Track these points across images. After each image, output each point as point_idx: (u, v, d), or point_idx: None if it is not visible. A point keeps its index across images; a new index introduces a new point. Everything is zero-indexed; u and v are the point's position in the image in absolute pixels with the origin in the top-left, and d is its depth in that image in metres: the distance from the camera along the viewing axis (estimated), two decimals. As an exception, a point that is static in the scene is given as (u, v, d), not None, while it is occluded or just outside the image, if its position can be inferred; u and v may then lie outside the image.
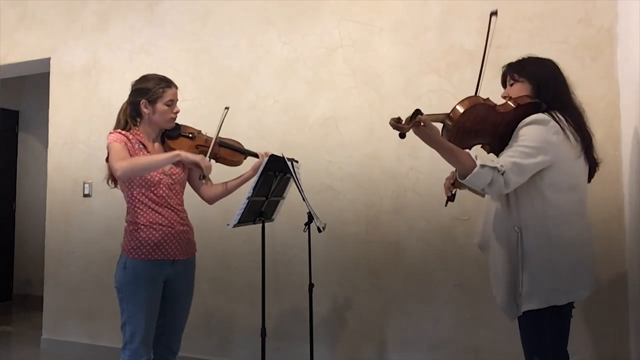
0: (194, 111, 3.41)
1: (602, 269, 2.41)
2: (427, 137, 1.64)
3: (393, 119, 1.58)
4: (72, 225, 3.92)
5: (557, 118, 1.74)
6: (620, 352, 2.57)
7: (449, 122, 1.72)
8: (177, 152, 2.12)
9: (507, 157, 1.69)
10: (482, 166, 1.65)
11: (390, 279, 3.03)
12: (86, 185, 3.87)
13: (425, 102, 2.98)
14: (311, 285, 2.74)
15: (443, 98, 2.93)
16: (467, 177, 1.67)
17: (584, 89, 2.64)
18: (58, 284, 3.95)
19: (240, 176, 2.39)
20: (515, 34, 2.80)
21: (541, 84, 1.82)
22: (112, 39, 3.86)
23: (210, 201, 2.42)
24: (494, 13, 1.84)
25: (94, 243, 3.80)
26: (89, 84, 3.93)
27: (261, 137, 3.33)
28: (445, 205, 2.10)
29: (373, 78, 3.12)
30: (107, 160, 2.18)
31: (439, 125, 1.73)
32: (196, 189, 2.41)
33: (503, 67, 1.94)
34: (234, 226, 2.29)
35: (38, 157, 5.68)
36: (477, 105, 1.72)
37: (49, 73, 4.09)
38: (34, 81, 5.53)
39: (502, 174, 1.65)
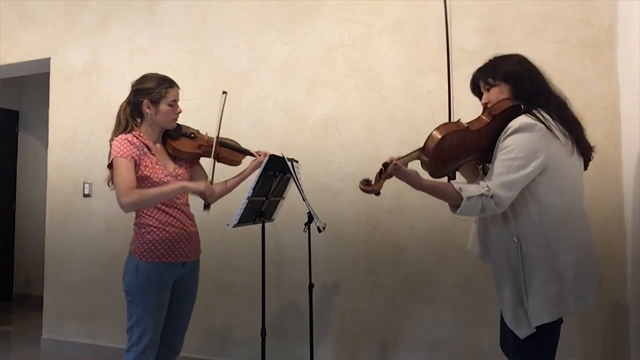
0: (194, 111, 3.40)
1: (602, 269, 2.37)
2: (407, 181, 1.66)
3: (361, 183, 1.55)
4: (72, 225, 3.92)
5: (541, 118, 1.65)
6: (620, 352, 2.57)
7: (425, 158, 1.69)
8: (183, 183, 2.14)
9: (495, 177, 1.63)
10: (468, 198, 1.62)
11: (390, 279, 3.03)
12: (86, 185, 3.87)
13: (425, 102, 2.98)
14: (311, 285, 2.74)
15: (443, 98, 2.92)
16: (458, 211, 1.65)
17: (584, 89, 2.66)
18: (58, 284, 3.95)
19: (239, 174, 2.39)
20: (515, 34, 2.80)
21: (518, 82, 1.73)
22: (112, 39, 3.86)
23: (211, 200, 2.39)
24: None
25: (94, 243, 3.80)
26: (89, 84, 3.93)
27: (261, 137, 3.33)
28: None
29: (373, 78, 3.12)
30: (108, 166, 2.12)
31: (417, 163, 1.73)
32: None
33: (474, 74, 1.87)
34: (234, 226, 2.29)
35: (38, 157, 5.68)
36: (447, 135, 1.67)
37: (49, 73, 4.09)
38: (34, 81, 5.53)
39: (492, 197, 1.61)
